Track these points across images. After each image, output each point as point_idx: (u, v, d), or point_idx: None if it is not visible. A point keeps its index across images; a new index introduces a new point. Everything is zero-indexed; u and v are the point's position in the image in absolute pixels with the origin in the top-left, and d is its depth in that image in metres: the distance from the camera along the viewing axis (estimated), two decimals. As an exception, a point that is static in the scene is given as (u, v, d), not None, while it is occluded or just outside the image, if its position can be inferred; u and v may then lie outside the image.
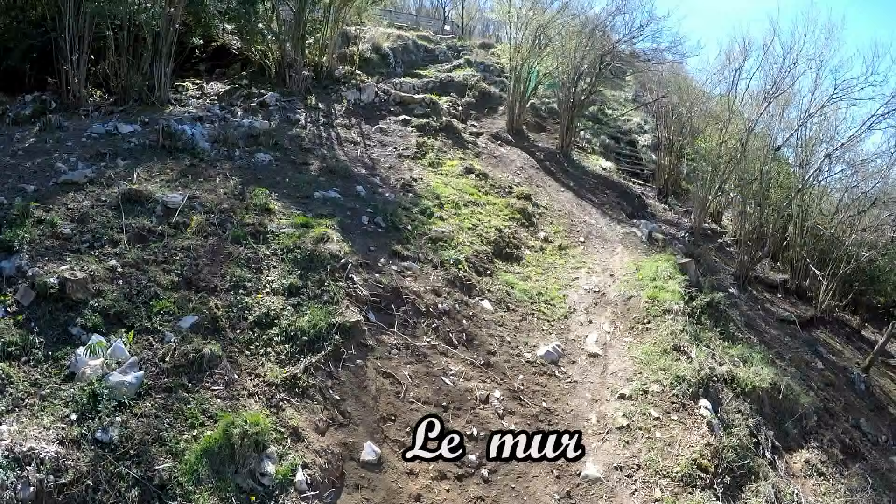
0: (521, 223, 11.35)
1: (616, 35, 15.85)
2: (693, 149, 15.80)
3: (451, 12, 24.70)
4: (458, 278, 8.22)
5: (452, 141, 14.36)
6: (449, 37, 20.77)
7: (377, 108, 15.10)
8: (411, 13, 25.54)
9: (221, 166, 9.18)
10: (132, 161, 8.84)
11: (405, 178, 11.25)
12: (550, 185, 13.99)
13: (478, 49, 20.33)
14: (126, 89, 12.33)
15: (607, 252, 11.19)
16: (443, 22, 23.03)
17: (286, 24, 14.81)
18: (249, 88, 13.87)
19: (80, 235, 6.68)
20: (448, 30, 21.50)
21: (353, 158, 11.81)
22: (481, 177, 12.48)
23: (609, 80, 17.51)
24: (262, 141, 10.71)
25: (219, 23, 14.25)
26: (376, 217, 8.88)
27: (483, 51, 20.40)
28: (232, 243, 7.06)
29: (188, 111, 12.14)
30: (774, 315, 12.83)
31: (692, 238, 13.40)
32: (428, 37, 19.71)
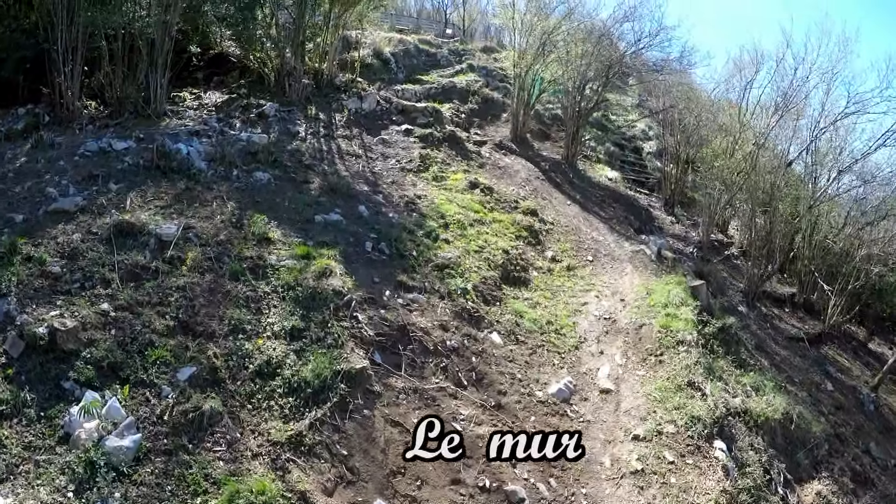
0: (527, 241, 11.01)
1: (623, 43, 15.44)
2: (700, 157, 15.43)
3: (453, 15, 24.25)
4: (465, 310, 7.89)
5: (456, 152, 13.97)
6: (450, 40, 20.29)
7: (379, 116, 14.69)
8: (412, 15, 24.98)
9: (218, 188, 8.79)
10: (125, 184, 8.47)
11: (409, 195, 10.88)
12: (556, 197, 13.63)
13: (480, 53, 19.87)
14: (121, 101, 11.91)
15: (616, 272, 10.87)
16: (444, 25, 22.51)
17: (285, 31, 14.35)
18: (248, 99, 13.43)
19: (70, 274, 6.33)
20: (450, 33, 21.01)
21: (355, 173, 11.42)
22: (486, 191, 12.12)
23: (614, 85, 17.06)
24: (261, 158, 10.31)
25: (217, 30, 13.77)
26: (380, 243, 8.52)
27: (485, 55, 19.94)
28: (230, 280, 6.71)
29: (185, 124, 11.74)
30: (783, 333, 12.57)
31: (701, 253, 13.10)
32: (429, 41, 19.24)
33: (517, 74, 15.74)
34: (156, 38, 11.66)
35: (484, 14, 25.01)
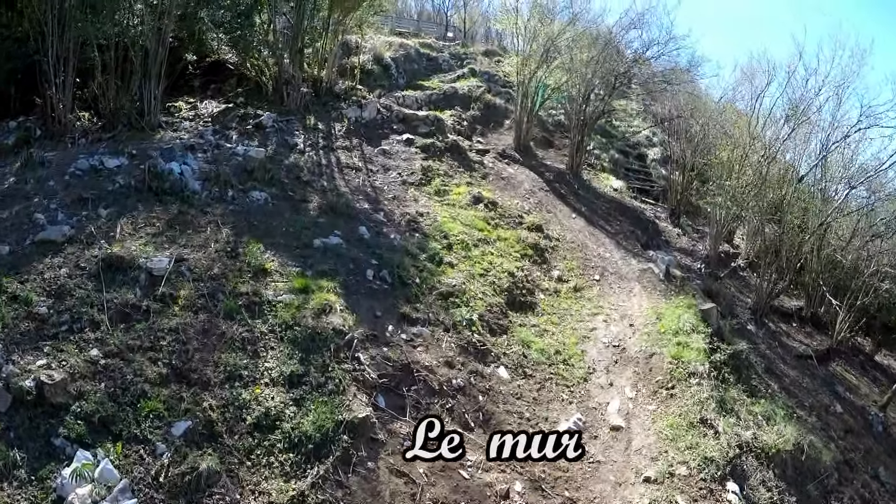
0: (533, 260, 10.72)
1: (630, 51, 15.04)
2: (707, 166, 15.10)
3: (454, 17, 23.73)
4: (471, 343, 7.61)
5: (458, 163, 13.63)
6: (451, 44, 19.85)
7: (379, 126, 14.32)
8: (412, 17, 24.47)
9: (213, 212, 8.46)
10: (116, 209, 8.14)
11: (411, 213, 10.56)
12: (561, 210, 13.32)
13: (481, 57, 19.46)
14: (114, 114, 11.55)
15: (624, 293, 10.59)
16: (445, 28, 22.05)
17: (283, 37, 13.94)
18: (245, 108, 13.06)
19: (57, 316, 6.02)
20: (451, 36, 20.56)
21: (355, 189, 11.09)
22: (490, 206, 11.81)
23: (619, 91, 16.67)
24: (258, 176, 9.97)
25: (214, 37, 13.37)
26: (382, 271, 8.21)
27: (487, 59, 19.53)
28: (224, 319, 6.41)
29: (180, 137, 11.38)
30: (791, 351, 12.33)
31: (708, 269, 12.81)
32: (430, 44, 18.82)
33: (520, 82, 15.37)
34: (149, 49, 11.28)
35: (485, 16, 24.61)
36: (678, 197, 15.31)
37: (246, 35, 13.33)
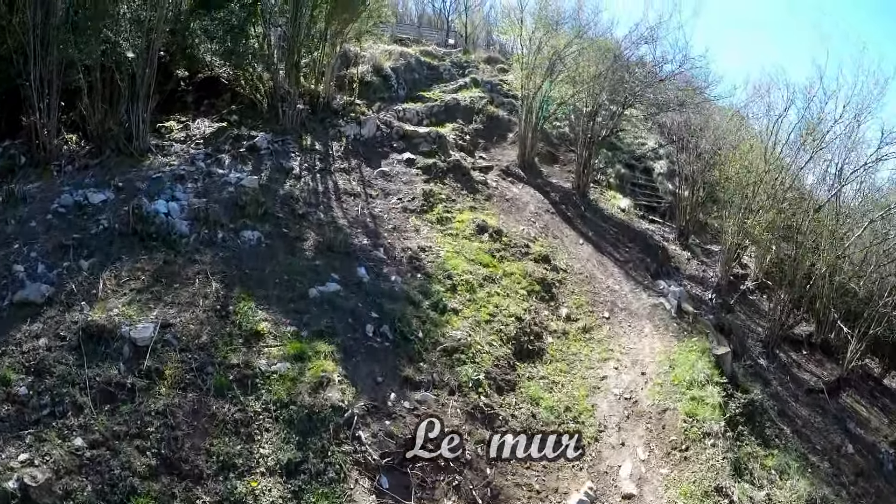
0: (540, 297, 10.34)
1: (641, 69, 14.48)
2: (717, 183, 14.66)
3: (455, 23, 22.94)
4: (478, 408, 7.25)
5: (461, 184, 13.16)
6: (453, 51, 19.22)
7: (379, 143, 13.82)
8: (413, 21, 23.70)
9: (201, 259, 8.02)
10: (99, 258, 7.72)
11: (412, 248, 10.14)
12: (568, 235, 12.91)
13: (483, 65, 18.85)
14: (102, 138, 11.03)
15: (635, 332, 10.23)
16: (446, 34, 21.30)
17: (279, 50, 13.35)
18: (239, 128, 12.52)
19: (38, 397, 5.63)
20: (452, 43, 19.90)
21: (354, 219, 10.63)
22: (495, 235, 11.38)
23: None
24: (250, 212, 9.49)
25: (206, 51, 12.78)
26: (382, 326, 7.82)
27: (489, 66, 18.93)
28: (215, 397, 6.02)
29: (170, 164, 10.89)
30: (802, 384, 12.04)
31: (719, 299, 12.46)
32: (431, 52, 18.19)
33: (524, 96, 14.85)
34: (136, 71, 10.73)
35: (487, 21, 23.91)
36: (686, 216, 14.89)
37: (239, 49, 12.74)
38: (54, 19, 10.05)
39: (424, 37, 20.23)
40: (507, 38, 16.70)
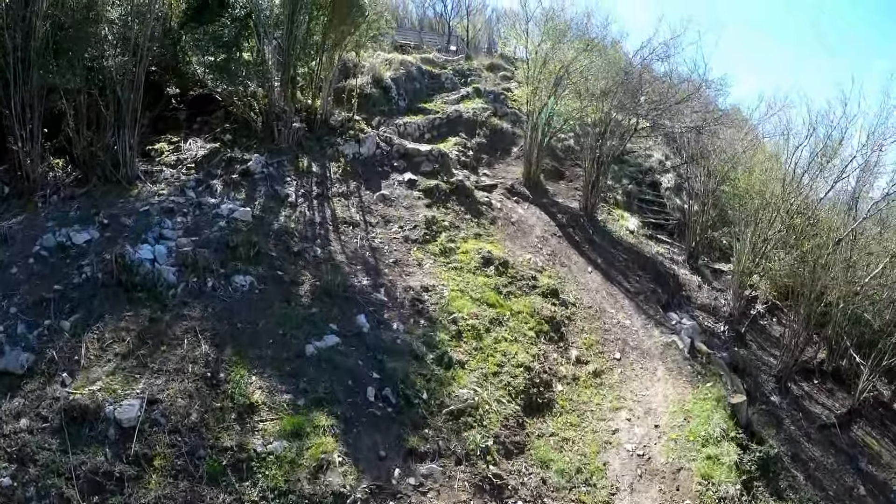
0: (549, 337, 9.89)
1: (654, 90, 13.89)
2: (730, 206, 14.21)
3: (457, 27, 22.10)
4: (486, 479, 6.83)
5: (465, 207, 12.64)
6: (455, 58, 18.56)
7: (379, 163, 13.26)
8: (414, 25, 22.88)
9: (190, 314, 7.52)
10: (81, 314, 7.24)
11: (414, 287, 9.65)
12: (576, 262, 12.43)
13: (486, 72, 18.21)
14: (88, 164, 10.47)
15: (648, 375, 9.82)
16: (447, 39, 20.55)
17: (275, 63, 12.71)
18: (232, 149, 11.95)
19: (22, 489, 5.22)
20: (454, 50, 19.18)
21: (353, 254, 10.13)
22: (501, 268, 10.90)
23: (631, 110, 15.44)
24: (241, 253, 8.94)
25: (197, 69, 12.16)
26: (384, 388, 7.36)
27: (492, 74, 18.28)
28: (209, 485, 5.58)
29: (158, 193, 10.36)
30: (814, 419, 11.69)
31: (732, 332, 12.05)
32: (432, 59, 17.53)
33: (529, 112, 14.28)
34: (121, 96, 10.13)
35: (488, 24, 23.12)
36: (696, 238, 14.43)
37: (231, 67, 12.11)
38: (34, 42, 9.45)
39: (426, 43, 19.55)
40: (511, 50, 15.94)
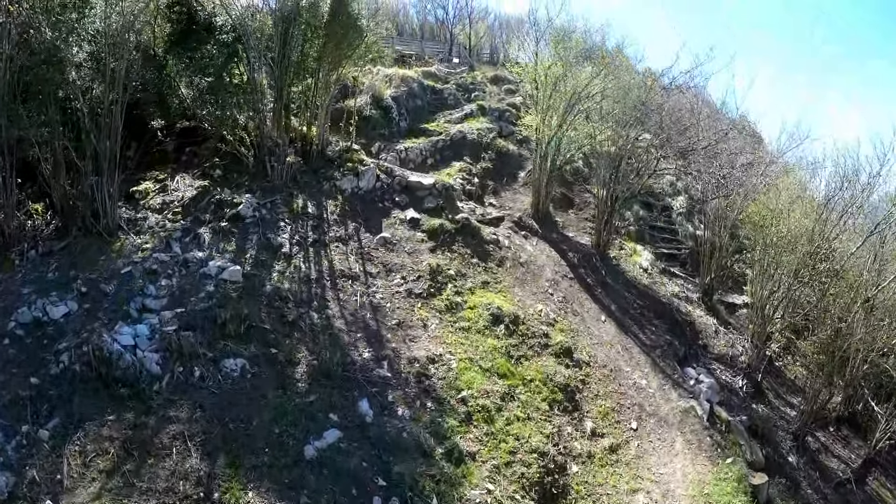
0: (563, 408, 9.34)
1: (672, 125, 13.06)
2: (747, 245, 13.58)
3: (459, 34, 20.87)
4: None
5: (471, 250, 11.92)
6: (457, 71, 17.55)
7: (379, 197, 12.46)
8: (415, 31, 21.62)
9: (177, 417, 6.87)
10: (61, 419, 6.65)
11: (420, 358, 8.99)
12: (589, 309, 11.81)
13: (490, 86, 17.26)
14: (67, 214, 9.68)
15: (665, 447, 9.32)
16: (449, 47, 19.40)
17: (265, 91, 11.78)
18: (222, 188, 11.14)
19: None
20: (456, 61, 18.12)
21: (352, 318, 9.41)
22: (511, 325, 10.27)
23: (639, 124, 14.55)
24: (231, 329, 8.22)
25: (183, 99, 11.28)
26: (391, 498, 6.78)
27: (496, 87, 17.34)
28: None
29: (142, 248, 9.61)
30: (830, 477, 11.28)
31: (751, 387, 11.55)
32: (434, 73, 16.56)
33: (538, 140, 13.48)
34: (97, 144, 9.27)
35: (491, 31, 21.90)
36: (711, 274, 13.82)
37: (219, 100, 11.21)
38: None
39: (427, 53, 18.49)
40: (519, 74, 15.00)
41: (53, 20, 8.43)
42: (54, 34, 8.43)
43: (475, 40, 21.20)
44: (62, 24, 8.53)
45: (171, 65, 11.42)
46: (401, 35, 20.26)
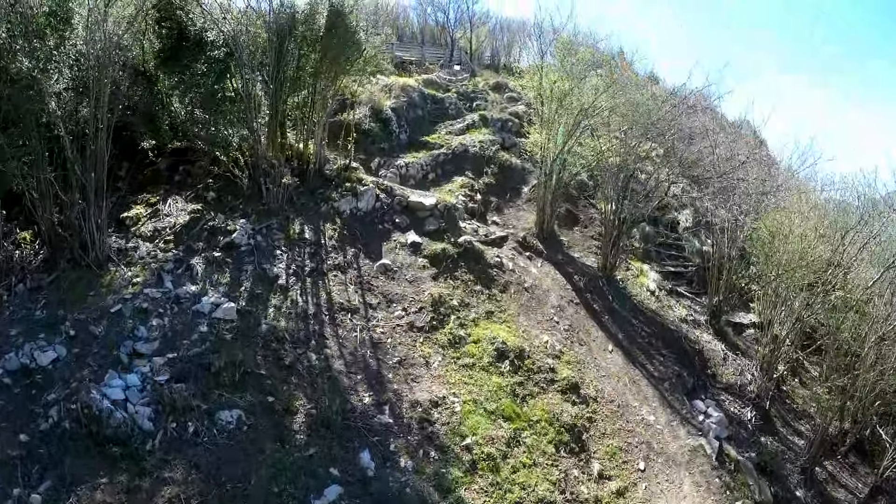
0: (570, 449, 9.16)
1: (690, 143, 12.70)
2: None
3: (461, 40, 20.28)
4: None
5: (475, 276, 11.66)
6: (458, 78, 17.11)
7: (379, 219, 12.16)
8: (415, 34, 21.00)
9: (172, 479, 6.66)
10: (52, 481, 6.51)
11: (422, 402, 8.77)
12: (596, 337, 11.60)
13: (492, 93, 16.86)
14: (56, 246, 9.36)
15: (674, 489, 9.18)
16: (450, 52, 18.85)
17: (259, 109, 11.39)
18: (216, 214, 10.81)
19: None
20: (457, 69, 17.65)
21: (352, 357, 9.16)
22: (517, 361, 10.05)
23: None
24: (225, 378, 7.96)
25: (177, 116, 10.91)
26: (396, 564, 6.61)
27: (498, 95, 16.96)
28: None
29: (132, 282, 9.34)
30: (839, 510, 11.21)
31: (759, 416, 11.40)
32: (435, 81, 16.15)
33: (543, 158, 13.17)
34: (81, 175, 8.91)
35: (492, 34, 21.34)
36: (719, 296, 13.62)
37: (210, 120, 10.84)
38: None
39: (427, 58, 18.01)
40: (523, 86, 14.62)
41: (28, 49, 8.01)
42: (31, 63, 8.02)
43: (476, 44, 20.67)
44: (39, 52, 8.12)
45: (162, 83, 11.04)
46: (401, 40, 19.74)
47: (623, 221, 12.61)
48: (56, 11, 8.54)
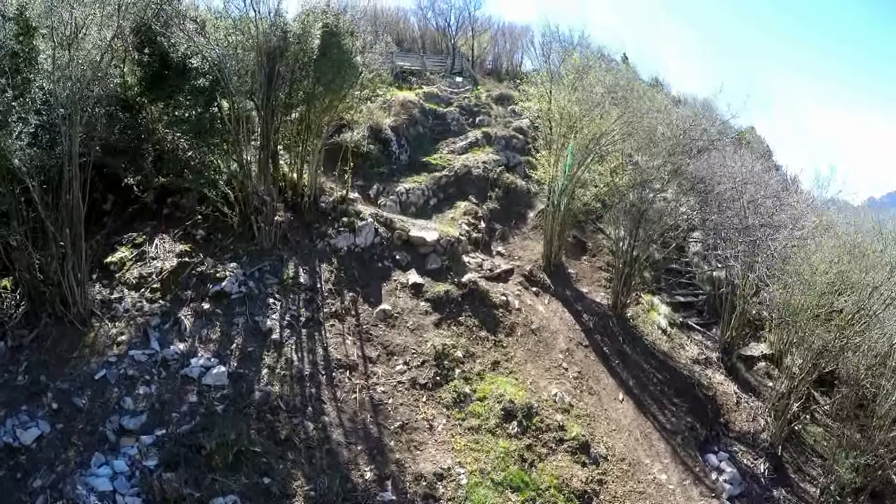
0: (580, 521, 8.92)
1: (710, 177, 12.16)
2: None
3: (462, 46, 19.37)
4: None
5: (479, 320, 11.28)
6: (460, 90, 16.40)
7: (378, 256, 11.70)
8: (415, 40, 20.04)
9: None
10: None
11: (426, 475, 8.45)
12: (606, 386, 11.31)
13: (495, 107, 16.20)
14: (36, 300, 8.84)
15: (686, 563, 8.99)
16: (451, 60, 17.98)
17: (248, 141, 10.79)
18: (204, 258, 10.29)
19: None
20: (460, 80, 16.86)
21: (351, 424, 8.81)
22: (524, 422, 9.73)
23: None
24: (218, 461, 7.59)
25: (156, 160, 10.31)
26: None
27: (501, 107, 16.30)
28: None
29: (117, 342, 8.87)
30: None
31: (772, 469, 11.22)
32: (437, 94, 15.49)
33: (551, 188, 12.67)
34: (55, 232, 8.35)
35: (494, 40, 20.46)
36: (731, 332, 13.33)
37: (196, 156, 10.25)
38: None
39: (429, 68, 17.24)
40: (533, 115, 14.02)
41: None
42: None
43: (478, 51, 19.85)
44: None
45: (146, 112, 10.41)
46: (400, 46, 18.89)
47: (635, 259, 12.21)
48: (18, 53, 7.86)
